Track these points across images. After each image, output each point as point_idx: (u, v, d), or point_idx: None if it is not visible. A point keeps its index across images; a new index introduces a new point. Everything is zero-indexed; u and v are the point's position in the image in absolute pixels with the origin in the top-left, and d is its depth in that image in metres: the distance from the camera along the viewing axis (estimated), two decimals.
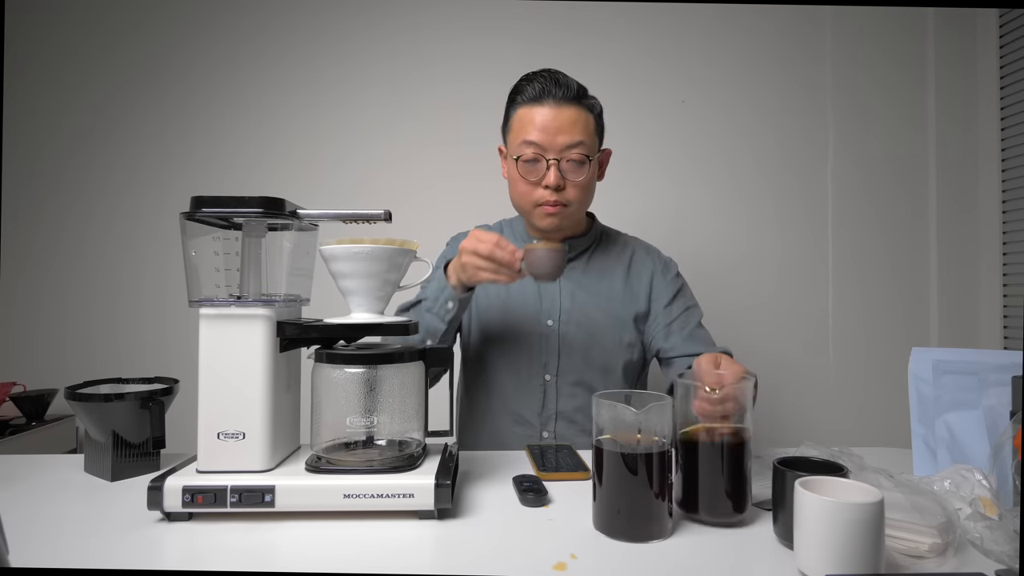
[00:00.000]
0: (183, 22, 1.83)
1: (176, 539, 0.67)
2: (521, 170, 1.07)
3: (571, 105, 1.05)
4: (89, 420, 0.86)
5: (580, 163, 1.06)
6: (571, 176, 1.06)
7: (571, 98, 1.05)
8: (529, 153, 1.05)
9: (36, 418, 1.72)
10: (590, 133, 1.07)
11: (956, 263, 1.82)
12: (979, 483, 0.70)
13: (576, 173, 1.06)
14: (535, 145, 1.05)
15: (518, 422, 1.13)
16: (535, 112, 1.05)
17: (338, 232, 0.82)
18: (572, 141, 1.04)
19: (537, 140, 1.04)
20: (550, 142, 1.04)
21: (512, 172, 1.10)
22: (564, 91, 1.05)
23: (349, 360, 0.76)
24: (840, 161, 1.83)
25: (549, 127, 1.04)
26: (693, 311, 1.16)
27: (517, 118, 1.08)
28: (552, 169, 1.04)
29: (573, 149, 1.04)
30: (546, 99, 1.05)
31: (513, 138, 1.09)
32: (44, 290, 1.84)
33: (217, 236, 0.79)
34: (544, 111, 1.04)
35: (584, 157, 1.06)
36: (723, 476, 0.69)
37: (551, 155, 1.04)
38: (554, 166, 1.04)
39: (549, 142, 1.04)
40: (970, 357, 0.86)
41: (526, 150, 1.05)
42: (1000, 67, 1.76)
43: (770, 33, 1.82)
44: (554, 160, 1.04)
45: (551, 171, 1.05)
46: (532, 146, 1.05)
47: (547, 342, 1.13)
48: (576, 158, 1.05)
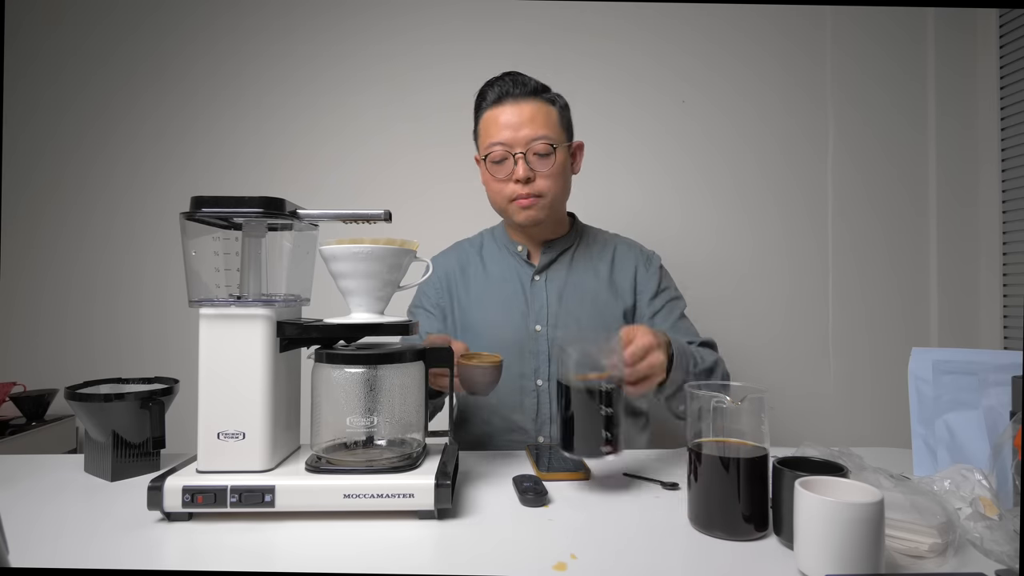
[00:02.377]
0: (183, 22, 1.83)
1: (176, 539, 0.67)
2: (491, 170, 1.10)
3: (530, 100, 1.08)
4: (89, 420, 0.86)
5: (545, 154, 1.08)
6: (538, 167, 1.08)
7: (529, 94, 1.09)
8: (496, 152, 1.08)
9: (36, 418, 1.72)
10: (553, 125, 1.09)
11: (956, 263, 1.82)
12: (979, 483, 0.70)
13: (543, 164, 1.08)
14: (500, 144, 1.08)
15: (513, 429, 1.12)
16: (498, 113, 1.09)
17: (338, 232, 0.82)
18: (535, 134, 1.07)
19: (502, 139, 1.08)
20: (513, 137, 1.07)
21: (484, 175, 1.13)
22: (522, 89, 1.09)
23: (349, 360, 0.76)
24: (840, 160, 1.83)
25: (511, 123, 1.07)
26: (676, 302, 1.17)
27: (483, 123, 1.12)
28: (520, 163, 1.07)
29: (537, 141, 1.07)
30: (506, 99, 1.09)
31: (482, 142, 1.13)
32: (44, 290, 1.84)
33: (217, 236, 0.79)
34: (506, 110, 1.08)
35: (549, 147, 1.08)
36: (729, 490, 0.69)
37: (517, 149, 1.07)
38: (521, 160, 1.07)
39: (512, 138, 1.07)
40: (970, 357, 0.85)
41: (493, 150, 1.09)
42: (1000, 67, 1.76)
43: (770, 33, 1.82)
44: (520, 154, 1.07)
45: (519, 165, 1.07)
46: (498, 145, 1.08)
47: (536, 347, 1.13)
48: (541, 150, 1.08)
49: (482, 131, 1.13)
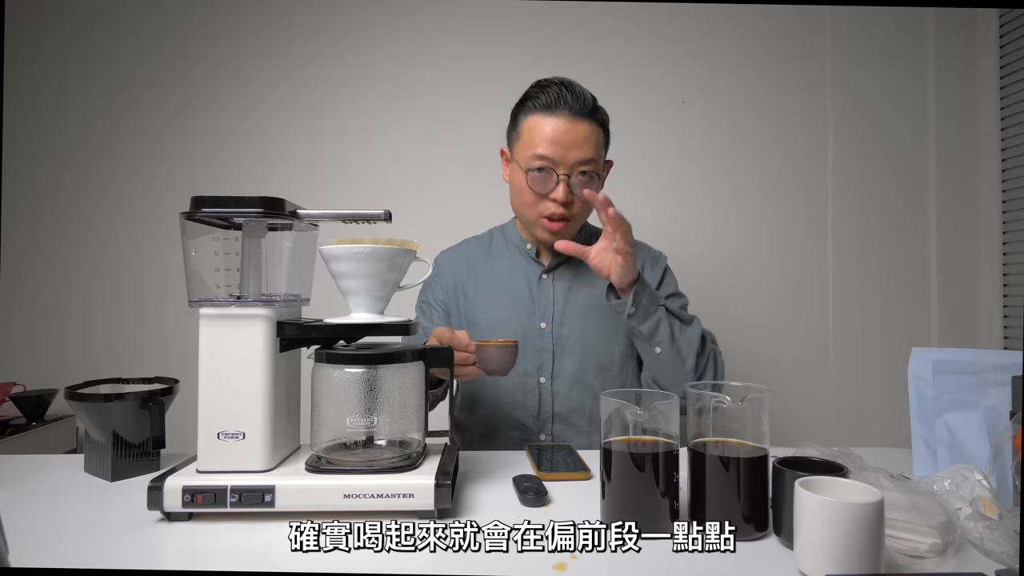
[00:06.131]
0: (183, 22, 1.83)
1: (176, 539, 0.67)
2: (530, 181, 1.06)
3: (584, 120, 1.04)
4: (89, 420, 0.86)
5: (589, 180, 1.06)
6: (579, 192, 1.04)
7: (585, 113, 1.04)
8: (539, 165, 1.04)
9: (36, 418, 1.72)
10: (598, 149, 1.07)
11: (956, 263, 1.82)
12: (979, 483, 0.69)
13: (583, 187, 1.05)
14: (546, 159, 1.04)
15: (515, 427, 1.12)
16: (547, 122, 1.04)
17: (338, 232, 0.82)
18: (583, 157, 1.04)
19: (548, 154, 1.03)
20: (562, 157, 1.03)
21: (519, 181, 1.09)
22: (580, 104, 1.04)
23: (349, 360, 0.76)
24: (840, 160, 1.83)
25: (561, 141, 1.03)
26: (678, 300, 1.17)
27: (528, 125, 1.06)
28: (562, 185, 1.04)
29: (584, 165, 1.04)
30: (559, 109, 1.03)
31: (523, 146, 1.07)
32: (44, 290, 1.84)
33: (217, 236, 0.79)
34: (557, 123, 1.03)
35: (594, 175, 1.06)
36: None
37: (562, 170, 1.04)
38: (564, 182, 1.04)
39: (561, 156, 1.03)
40: (970, 357, 0.86)
41: (536, 163, 1.04)
42: (1000, 67, 1.76)
43: (770, 32, 1.82)
44: (564, 176, 1.04)
45: (560, 186, 1.04)
46: (543, 159, 1.04)
47: (540, 344, 1.13)
48: (587, 171, 1.05)
49: (524, 134, 1.07)
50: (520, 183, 1.08)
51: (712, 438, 0.69)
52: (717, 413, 0.69)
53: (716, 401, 0.68)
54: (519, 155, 1.08)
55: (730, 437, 0.68)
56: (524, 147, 1.07)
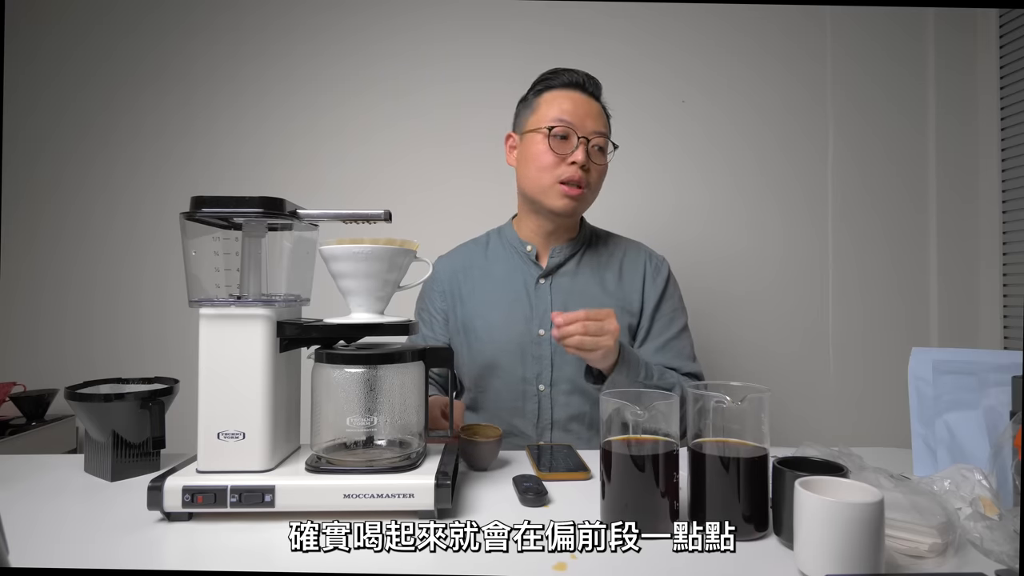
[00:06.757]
0: (182, 21, 1.83)
1: (176, 539, 0.67)
2: (552, 143, 1.09)
3: (597, 103, 1.13)
4: (89, 420, 0.86)
5: (603, 150, 1.12)
6: (596, 159, 1.11)
7: (598, 96, 1.14)
8: (562, 128, 1.09)
9: (36, 418, 1.72)
10: (608, 130, 1.14)
11: (956, 263, 1.82)
12: (979, 483, 0.70)
13: (600, 157, 1.11)
14: (567, 123, 1.08)
15: (514, 434, 1.12)
16: (566, 95, 1.10)
17: (338, 232, 0.82)
18: (600, 129, 1.11)
19: (570, 119, 1.08)
20: (581, 122, 1.09)
21: (535, 148, 1.10)
22: (594, 88, 1.13)
23: (349, 360, 0.76)
24: (840, 159, 1.83)
25: (580, 111, 1.09)
26: (677, 315, 1.17)
27: (546, 99, 1.12)
28: (581, 147, 1.08)
29: (600, 136, 1.10)
30: (578, 89, 1.11)
31: (540, 116, 1.11)
32: (44, 290, 1.84)
33: (217, 236, 0.79)
34: (576, 96, 1.11)
35: (609, 144, 1.12)
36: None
37: (582, 133, 1.08)
38: (583, 144, 1.08)
39: (580, 123, 1.09)
40: (970, 357, 0.86)
41: (559, 124, 1.09)
42: (1000, 67, 1.76)
43: (770, 32, 1.82)
44: (583, 139, 1.08)
45: (580, 149, 1.08)
46: (565, 123, 1.08)
47: (539, 351, 1.12)
48: (601, 144, 1.11)
49: (542, 107, 1.11)
50: (537, 148, 1.10)
51: (712, 438, 0.69)
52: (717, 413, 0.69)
53: (716, 401, 0.68)
54: (537, 124, 1.11)
55: (730, 437, 0.68)
56: (542, 116, 1.11)
